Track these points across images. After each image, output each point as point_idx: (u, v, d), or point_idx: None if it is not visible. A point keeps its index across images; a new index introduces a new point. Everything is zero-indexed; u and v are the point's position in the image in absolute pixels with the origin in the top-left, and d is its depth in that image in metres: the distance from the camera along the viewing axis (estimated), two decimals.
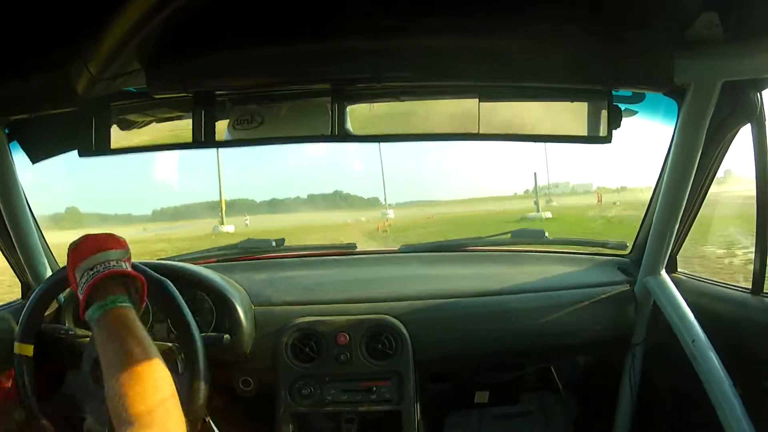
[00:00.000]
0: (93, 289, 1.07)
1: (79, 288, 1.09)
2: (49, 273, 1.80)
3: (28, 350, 1.41)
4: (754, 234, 1.56)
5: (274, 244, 2.29)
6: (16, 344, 1.42)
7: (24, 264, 1.79)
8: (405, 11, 1.26)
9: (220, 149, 1.54)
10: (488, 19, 1.27)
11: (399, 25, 1.28)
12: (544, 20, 1.27)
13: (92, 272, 1.09)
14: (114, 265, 1.11)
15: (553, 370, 2.11)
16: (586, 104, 1.44)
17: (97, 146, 1.48)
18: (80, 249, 1.15)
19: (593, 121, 1.45)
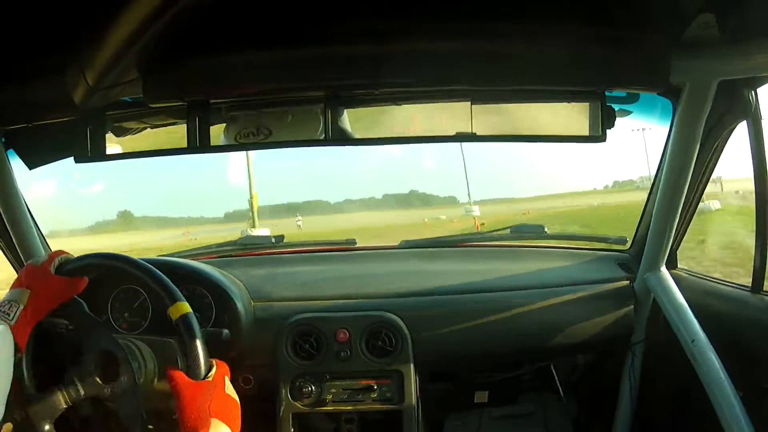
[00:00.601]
0: None
1: None
2: None
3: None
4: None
5: (273, 240, 2.30)
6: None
7: (24, 262, 1.80)
8: (402, 16, 1.25)
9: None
10: (483, 22, 1.26)
11: (396, 30, 1.28)
12: (539, 22, 1.26)
13: None
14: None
15: (552, 369, 2.11)
16: (579, 105, 1.43)
17: (92, 153, 1.49)
18: (230, 408, 1.20)
19: (587, 121, 1.44)
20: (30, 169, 1.68)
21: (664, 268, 1.87)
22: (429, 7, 1.23)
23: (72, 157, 1.51)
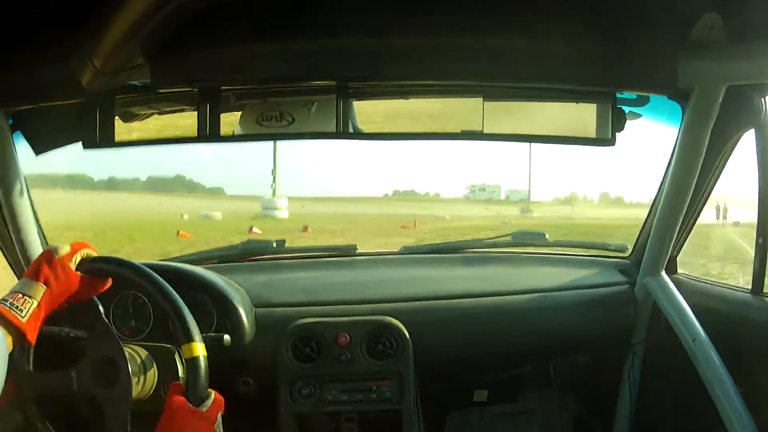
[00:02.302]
0: None
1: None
2: None
3: None
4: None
5: (274, 245, 2.29)
6: None
7: (22, 261, 1.77)
8: (409, 9, 1.27)
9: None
10: (492, 18, 1.28)
11: (402, 23, 1.29)
12: (548, 21, 1.28)
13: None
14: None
15: (552, 369, 2.11)
16: (590, 106, 1.45)
17: (101, 139, 1.49)
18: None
19: (597, 123, 1.46)
20: (37, 154, 1.65)
21: (664, 273, 1.88)
22: (435, 2, 1.25)
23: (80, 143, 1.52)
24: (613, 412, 2.02)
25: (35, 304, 1.11)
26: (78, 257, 1.21)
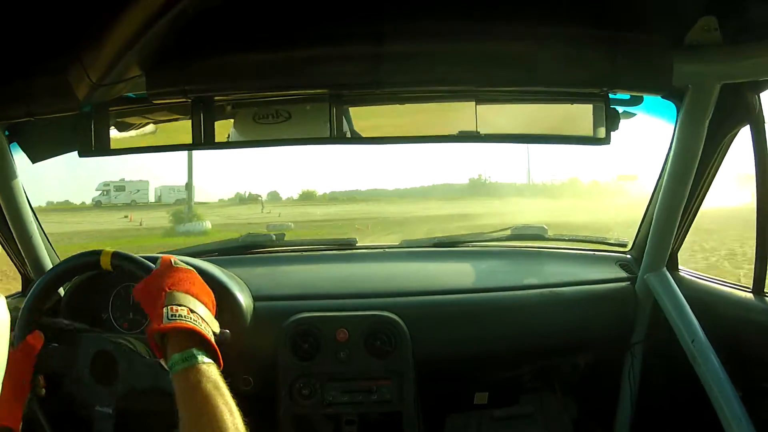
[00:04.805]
0: (173, 332, 1.07)
1: (164, 318, 1.07)
2: (49, 266, 1.81)
3: None
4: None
5: (274, 238, 2.30)
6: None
7: (24, 257, 1.80)
8: (405, 16, 1.26)
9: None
10: (486, 23, 1.27)
11: (399, 30, 1.29)
12: (542, 23, 1.27)
13: (177, 314, 1.09)
14: (196, 322, 1.10)
15: (552, 370, 2.10)
16: (584, 107, 1.45)
17: (96, 147, 1.50)
18: (182, 278, 1.17)
19: (591, 123, 1.45)
20: (33, 162, 1.67)
21: (665, 269, 1.87)
22: (429, 7, 1.24)
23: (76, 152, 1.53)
24: (613, 414, 2.02)
25: None
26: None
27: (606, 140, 1.46)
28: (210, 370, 1.03)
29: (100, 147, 1.50)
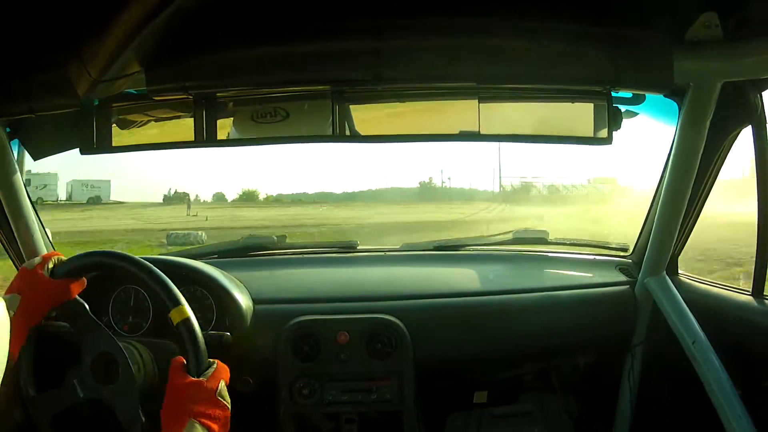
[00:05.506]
0: None
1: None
2: None
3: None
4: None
5: (275, 240, 2.29)
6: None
7: (25, 256, 1.78)
8: (406, 12, 1.26)
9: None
10: (488, 20, 1.28)
11: (400, 26, 1.29)
12: (544, 21, 1.28)
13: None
14: None
15: (553, 370, 2.10)
16: (586, 105, 1.45)
17: (98, 145, 1.50)
18: (212, 413, 1.15)
19: (594, 122, 1.46)
20: (34, 159, 1.68)
21: (664, 273, 1.87)
22: (430, 3, 1.25)
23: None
24: (613, 414, 2.01)
25: (11, 314, 1.10)
26: (50, 264, 1.25)
27: (608, 140, 1.46)
28: None
29: (102, 144, 1.51)
